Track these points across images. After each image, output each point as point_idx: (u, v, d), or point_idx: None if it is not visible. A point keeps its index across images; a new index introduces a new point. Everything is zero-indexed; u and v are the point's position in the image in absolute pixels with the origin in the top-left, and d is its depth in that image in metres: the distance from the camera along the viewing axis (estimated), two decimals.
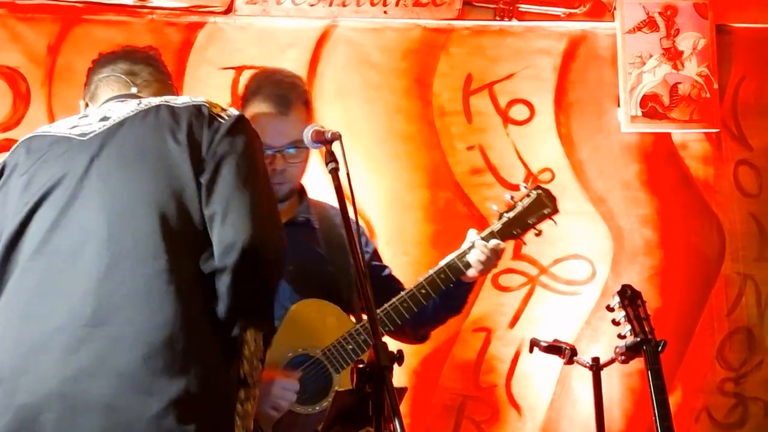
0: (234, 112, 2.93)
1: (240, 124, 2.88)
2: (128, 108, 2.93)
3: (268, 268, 2.73)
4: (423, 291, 3.67)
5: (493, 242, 3.72)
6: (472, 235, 3.77)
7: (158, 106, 2.90)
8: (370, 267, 3.83)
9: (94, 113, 2.98)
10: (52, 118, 4.74)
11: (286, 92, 3.68)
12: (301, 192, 3.83)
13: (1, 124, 4.76)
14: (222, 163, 2.77)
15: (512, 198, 3.84)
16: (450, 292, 3.76)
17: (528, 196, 3.84)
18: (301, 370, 3.54)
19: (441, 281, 3.69)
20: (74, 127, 2.92)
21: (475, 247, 3.71)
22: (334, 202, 3.86)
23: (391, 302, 3.64)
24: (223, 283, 2.66)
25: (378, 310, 3.63)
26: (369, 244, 3.97)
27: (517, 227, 3.80)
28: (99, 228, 2.68)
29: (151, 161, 2.78)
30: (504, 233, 3.78)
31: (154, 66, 3.22)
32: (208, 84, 4.96)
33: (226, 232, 2.68)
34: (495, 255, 3.72)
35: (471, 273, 3.72)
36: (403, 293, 3.66)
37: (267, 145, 3.51)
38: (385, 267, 3.94)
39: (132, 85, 3.13)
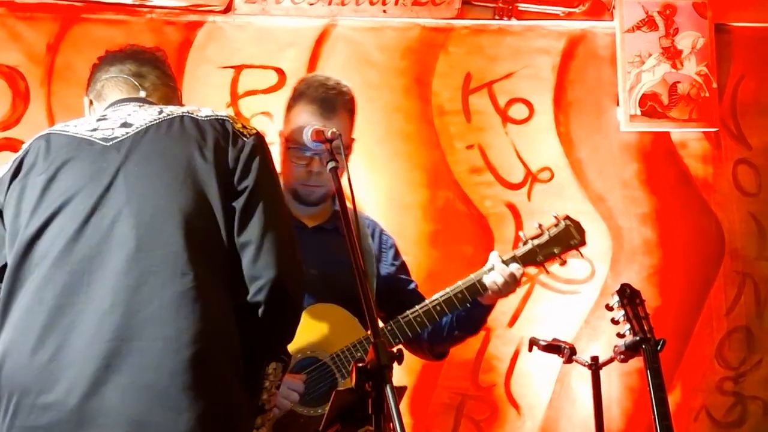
0: (253, 129, 2.94)
1: (262, 144, 2.91)
2: (149, 116, 2.88)
3: (293, 303, 2.80)
4: (438, 308, 3.69)
5: (513, 266, 3.72)
6: (494, 257, 3.77)
7: (182, 117, 2.87)
8: (395, 279, 3.88)
9: (113, 117, 2.92)
10: (51, 117, 4.74)
11: (331, 97, 3.69)
12: (334, 198, 3.83)
13: (0, 123, 4.76)
14: (256, 191, 2.79)
15: (540, 226, 3.85)
16: (467, 313, 3.78)
17: (556, 225, 3.86)
18: (306, 373, 3.55)
19: (457, 300, 3.70)
20: (95, 129, 2.85)
21: (494, 270, 3.71)
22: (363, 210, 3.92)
23: (404, 314, 3.67)
24: (254, 317, 2.71)
25: (391, 321, 3.67)
26: (398, 257, 3.95)
27: (541, 255, 3.81)
28: (127, 239, 2.64)
29: (179, 174, 2.75)
30: (527, 259, 3.78)
31: (161, 69, 3.18)
32: (208, 83, 4.96)
33: (259, 268, 2.72)
34: (513, 280, 3.72)
35: (488, 295, 3.74)
36: (417, 307, 3.68)
37: (306, 146, 3.52)
38: (411, 281, 3.95)
39: (140, 88, 3.10)
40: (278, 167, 3.79)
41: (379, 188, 5.02)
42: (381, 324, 3.69)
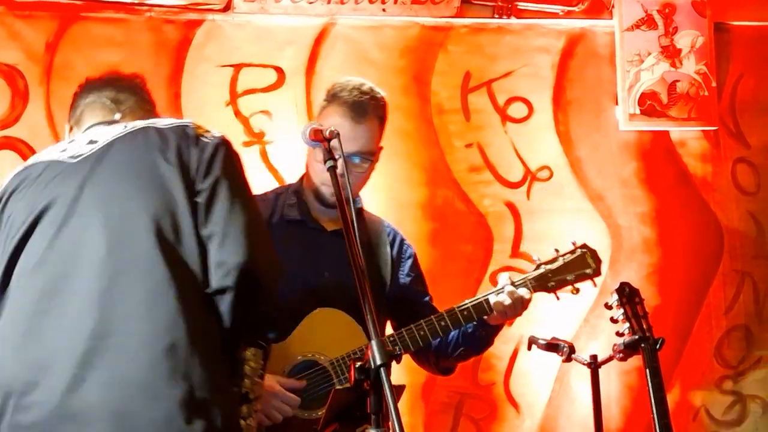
0: (217, 133, 2.99)
1: (226, 144, 2.96)
2: (115, 130, 2.98)
3: (264, 289, 2.80)
4: (442, 323, 3.67)
5: (522, 290, 3.69)
6: (504, 278, 3.74)
7: (145, 128, 2.95)
8: (409, 291, 3.87)
9: (81, 138, 3.03)
10: (50, 116, 4.74)
11: (364, 102, 3.70)
12: (357, 207, 3.83)
13: None
14: (218, 184, 2.85)
15: (556, 251, 3.82)
16: (473, 331, 3.76)
17: (572, 252, 3.83)
18: (304, 379, 3.55)
19: (462, 317, 3.68)
20: (64, 150, 2.97)
21: (503, 291, 3.68)
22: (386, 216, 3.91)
23: (408, 327, 3.66)
24: (224, 304, 2.74)
25: (395, 333, 3.67)
26: (415, 268, 3.94)
27: (553, 281, 3.78)
28: (97, 244, 2.74)
29: (144, 179, 2.84)
30: (539, 284, 3.76)
31: (140, 95, 3.24)
32: (207, 82, 4.96)
33: (225, 254, 2.76)
34: (520, 303, 3.70)
35: (493, 317, 3.71)
36: (422, 321, 3.67)
37: (333, 147, 3.53)
38: (426, 295, 3.93)
39: (116, 111, 3.17)
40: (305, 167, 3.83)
41: (378, 187, 5.00)
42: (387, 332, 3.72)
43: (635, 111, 5.25)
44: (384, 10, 5.15)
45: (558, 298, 3.84)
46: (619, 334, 4.00)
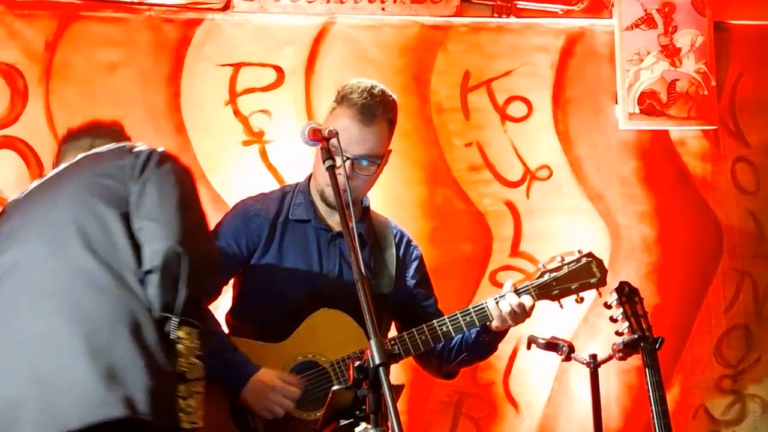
0: (157, 148, 3.18)
1: (160, 153, 3.14)
2: (70, 161, 3.23)
3: (192, 274, 2.89)
4: (444, 328, 3.67)
5: (525, 298, 3.68)
6: (508, 285, 3.72)
7: (87, 155, 3.20)
8: (413, 293, 3.87)
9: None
10: (49, 115, 4.74)
11: (373, 104, 3.69)
12: (364, 206, 3.84)
13: None
14: (148, 182, 3.03)
15: (562, 259, 3.79)
16: (476, 338, 3.76)
17: (578, 261, 3.79)
18: (305, 377, 3.55)
19: (465, 324, 3.68)
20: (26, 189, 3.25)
21: (506, 298, 3.67)
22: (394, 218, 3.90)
23: (410, 331, 3.66)
24: (151, 284, 2.86)
25: (396, 338, 3.66)
26: (421, 270, 3.94)
27: (557, 289, 3.75)
28: (37, 250, 2.95)
29: (74, 191, 3.06)
30: (542, 291, 3.74)
31: (116, 139, 3.35)
32: (206, 81, 4.96)
33: (153, 240, 2.92)
34: (523, 311, 3.68)
35: (495, 324, 3.70)
36: (424, 326, 3.66)
37: (333, 148, 3.54)
38: (430, 297, 3.93)
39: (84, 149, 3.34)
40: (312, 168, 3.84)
41: (377, 185, 4.98)
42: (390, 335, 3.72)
43: (635, 110, 5.25)
44: (383, 9, 5.15)
45: (562, 307, 3.82)
46: (618, 334, 4.00)
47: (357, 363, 2.59)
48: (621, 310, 4.00)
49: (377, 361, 2.56)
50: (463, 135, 5.19)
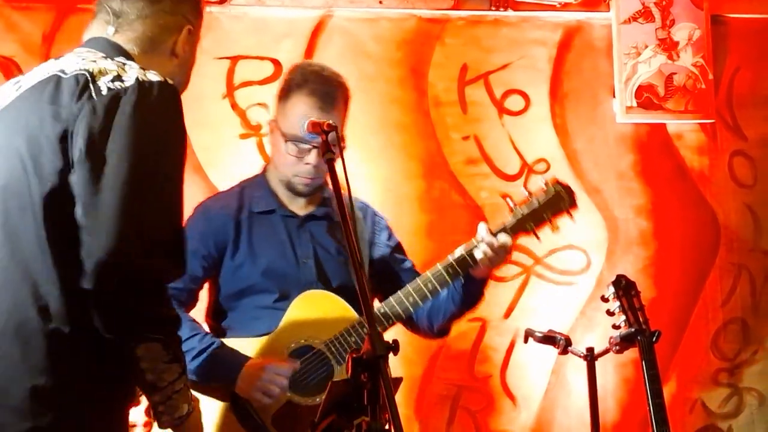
0: (129, 80, 2.56)
1: (131, 95, 2.53)
2: (39, 74, 2.68)
3: (134, 286, 2.47)
4: (429, 286, 3.63)
5: (502, 237, 3.63)
6: (482, 229, 3.67)
7: (52, 77, 2.62)
8: (390, 260, 3.84)
9: (30, 73, 2.73)
10: None
11: (332, 90, 3.68)
12: (324, 185, 3.80)
13: None
14: (91, 153, 2.47)
15: (529, 193, 3.74)
16: (463, 288, 3.72)
17: (545, 191, 3.73)
18: (302, 362, 3.54)
19: (449, 276, 3.64)
20: (16, 82, 2.75)
21: (483, 242, 3.63)
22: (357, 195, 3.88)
23: (396, 295, 3.62)
24: (91, 303, 2.48)
25: (383, 304, 3.63)
26: (392, 238, 3.92)
27: (531, 221, 3.69)
28: None
29: (12, 144, 2.57)
30: (517, 227, 3.68)
31: (151, 2, 2.80)
32: (203, 74, 4.91)
33: (87, 246, 2.44)
34: (504, 251, 3.64)
35: (479, 269, 3.67)
36: (409, 286, 3.63)
37: (303, 139, 3.54)
38: (406, 260, 3.91)
39: (111, 24, 2.81)
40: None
41: (374, 179, 5.02)
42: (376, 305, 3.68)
43: (632, 103, 5.25)
44: (381, 2, 5.15)
45: (539, 239, 3.75)
46: (615, 327, 4.00)
47: (355, 355, 2.59)
48: (618, 303, 4.00)
49: (376, 354, 2.56)
50: (460, 128, 5.19)
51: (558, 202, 3.73)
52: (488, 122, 5.22)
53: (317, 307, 3.60)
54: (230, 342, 3.59)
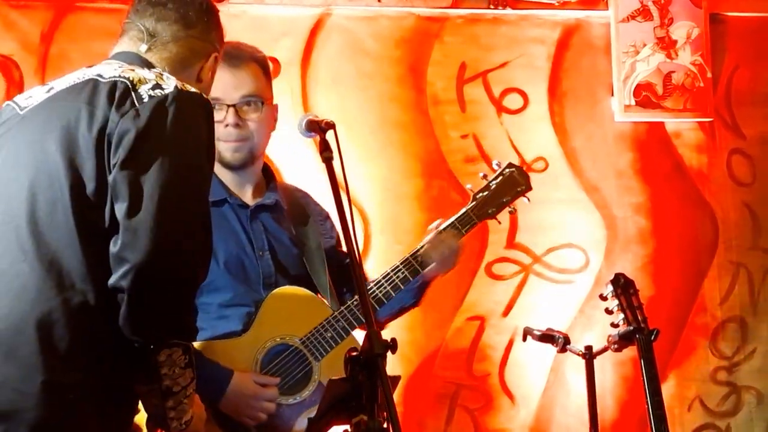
0: (169, 88, 2.62)
1: (172, 104, 2.59)
2: (73, 78, 2.73)
3: (169, 291, 2.52)
4: (383, 290, 3.59)
5: (449, 238, 3.64)
6: (432, 228, 3.69)
7: (89, 80, 2.67)
8: (334, 252, 3.76)
9: (67, 77, 2.78)
10: None
11: (239, 52, 3.58)
12: (268, 173, 3.73)
13: None
14: (135, 156, 2.53)
15: (485, 176, 3.79)
16: (410, 287, 3.68)
17: (501, 174, 3.79)
18: (278, 361, 3.51)
19: (400, 281, 3.61)
20: (29, 97, 2.79)
21: (431, 244, 3.63)
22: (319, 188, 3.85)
23: (353, 302, 3.55)
24: (122, 303, 2.51)
25: (345, 310, 3.55)
26: (334, 229, 3.82)
27: (491, 207, 3.74)
28: None
29: (49, 143, 2.60)
30: (479, 213, 3.72)
31: (188, 20, 2.87)
32: None
33: (127, 246, 2.48)
34: (452, 253, 3.65)
35: (429, 270, 3.65)
36: (373, 285, 3.58)
37: (218, 99, 3.45)
38: (347, 256, 3.83)
39: (143, 42, 2.86)
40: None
41: (373, 178, 5.02)
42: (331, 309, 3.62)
43: (630, 102, 5.25)
44: (379, 0, 5.14)
45: (499, 222, 3.83)
46: (614, 325, 4.00)
47: (353, 354, 2.59)
48: (616, 301, 4.00)
49: (374, 353, 2.56)
50: (459, 127, 5.19)
51: (514, 185, 3.79)
52: (487, 121, 5.22)
53: (290, 304, 3.54)
54: (203, 345, 3.45)
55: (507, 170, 3.81)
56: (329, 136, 3.09)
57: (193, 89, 2.68)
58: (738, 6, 5.44)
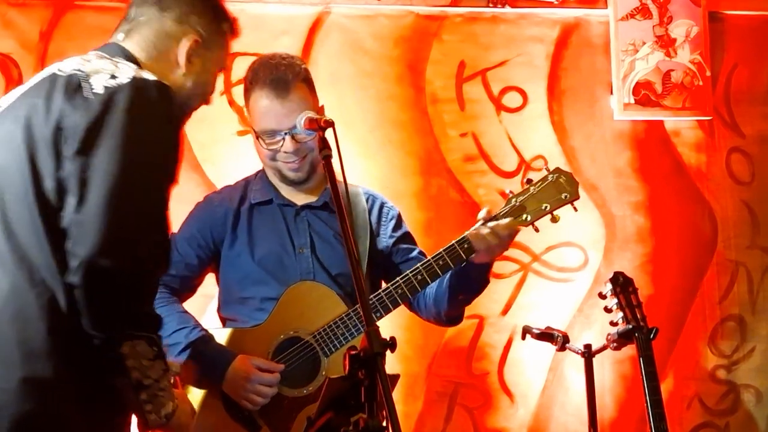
0: (124, 78, 2.59)
1: (118, 94, 2.55)
2: (41, 74, 2.73)
3: (118, 284, 2.48)
4: (431, 269, 3.56)
5: (504, 221, 3.55)
6: (483, 214, 3.60)
7: (50, 75, 2.66)
8: (395, 251, 3.80)
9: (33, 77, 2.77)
10: None
11: (282, 74, 3.63)
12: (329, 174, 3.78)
13: None
14: (83, 149, 2.50)
15: (528, 180, 3.63)
16: (466, 275, 3.64)
17: (544, 179, 3.62)
18: (289, 353, 3.54)
19: (452, 260, 3.56)
20: (9, 96, 2.79)
21: (485, 227, 3.55)
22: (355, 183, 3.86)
23: (395, 282, 3.57)
24: (77, 299, 2.49)
25: (389, 284, 3.59)
26: (399, 228, 3.86)
27: (528, 212, 3.58)
28: None
29: (14, 142, 2.59)
30: (515, 216, 3.58)
31: (164, 2, 2.88)
32: None
33: (74, 242, 2.46)
34: (508, 236, 3.56)
35: (479, 254, 3.57)
36: (408, 272, 3.57)
37: (273, 131, 3.56)
38: (414, 248, 3.83)
39: (122, 31, 2.88)
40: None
41: (372, 176, 5.01)
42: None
43: (630, 100, 5.25)
44: None
45: (537, 230, 3.63)
46: (612, 324, 4.01)
47: (353, 352, 2.59)
48: (615, 300, 4.00)
49: (373, 351, 2.56)
50: (458, 125, 5.19)
51: (558, 191, 3.61)
52: (486, 119, 5.22)
53: (307, 299, 3.59)
54: (222, 332, 3.61)
55: (552, 175, 3.63)
56: (328, 134, 3.10)
57: (150, 77, 2.64)
58: (737, 4, 5.44)
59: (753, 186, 5.38)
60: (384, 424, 2.57)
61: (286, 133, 3.59)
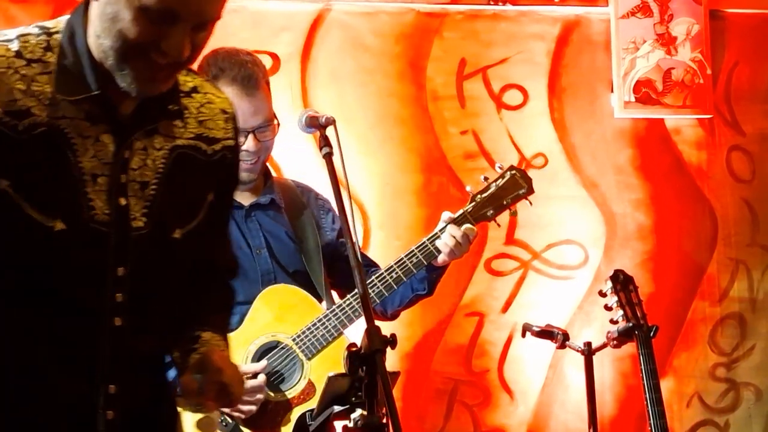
0: None
1: None
2: None
3: None
4: (394, 275, 3.63)
5: (465, 227, 3.67)
6: (445, 217, 3.71)
7: None
8: (338, 245, 3.78)
9: None
10: None
11: (251, 72, 3.62)
12: (266, 172, 3.77)
13: None
14: None
15: (486, 179, 3.79)
16: (423, 277, 3.73)
17: (502, 177, 3.80)
18: (269, 357, 3.52)
19: (413, 266, 3.65)
20: None
21: (446, 231, 3.65)
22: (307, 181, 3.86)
23: (370, 281, 3.60)
24: None
25: (350, 297, 3.60)
26: (336, 221, 3.84)
27: (490, 208, 3.75)
28: None
29: None
30: (476, 215, 3.73)
31: None
32: None
33: None
34: (466, 240, 3.67)
35: (441, 258, 3.68)
36: (375, 279, 3.62)
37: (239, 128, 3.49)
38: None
39: None
40: None
41: (372, 173, 5.02)
42: (336, 297, 3.70)
43: (630, 98, 5.25)
44: None
45: (498, 225, 3.86)
46: (613, 322, 4.01)
47: (353, 350, 2.59)
48: (616, 298, 4.01)
49: (373, 348, 2.56)
50: (458, 123, 5.19)
51: (515, 188, 3.79)
52: (486, 117, 5.22)
53: (282, 302, 3.58)
54: None
55: (508, 173, 3.82)
56: (329, 131, 3.09)
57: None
58: (738, 3, 5.44)
59: (753, 184, 5.38)
60: (384, 421, 2.57)
61: (249, 132, 3.56)
